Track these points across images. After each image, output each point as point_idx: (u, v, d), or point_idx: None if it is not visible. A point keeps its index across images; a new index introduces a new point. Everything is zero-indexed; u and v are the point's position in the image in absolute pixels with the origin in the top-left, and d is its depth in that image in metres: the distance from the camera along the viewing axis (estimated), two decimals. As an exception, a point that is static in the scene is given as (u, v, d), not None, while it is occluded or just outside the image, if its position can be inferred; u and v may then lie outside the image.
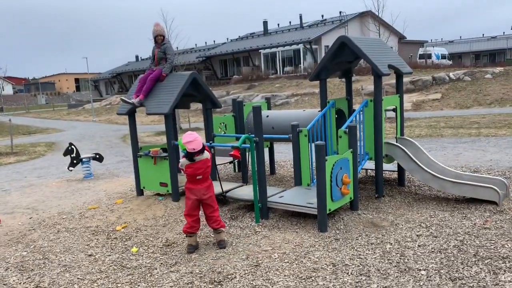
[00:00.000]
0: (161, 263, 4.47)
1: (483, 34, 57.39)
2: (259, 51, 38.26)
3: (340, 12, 39.00)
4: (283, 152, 10.48)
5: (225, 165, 8.85)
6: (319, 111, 6.43)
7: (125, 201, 6.76)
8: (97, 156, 9.71)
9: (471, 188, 5.48)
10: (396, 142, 6.23)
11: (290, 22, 46.35)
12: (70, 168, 9.46)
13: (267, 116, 7.06)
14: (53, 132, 23.73)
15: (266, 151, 8.01)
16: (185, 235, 4.76)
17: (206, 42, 52.54)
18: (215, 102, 6.89)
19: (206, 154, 4.63)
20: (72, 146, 9.41)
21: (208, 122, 6.89)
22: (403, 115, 6.50)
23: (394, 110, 6.39)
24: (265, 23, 44.65)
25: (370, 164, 6.64)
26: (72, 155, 9.38)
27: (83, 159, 9.42)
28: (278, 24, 47.60)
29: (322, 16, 43.40)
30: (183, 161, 4.64)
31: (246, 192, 5.96)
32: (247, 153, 7.13)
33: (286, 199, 5.47)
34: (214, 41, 51.42)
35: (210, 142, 6.36)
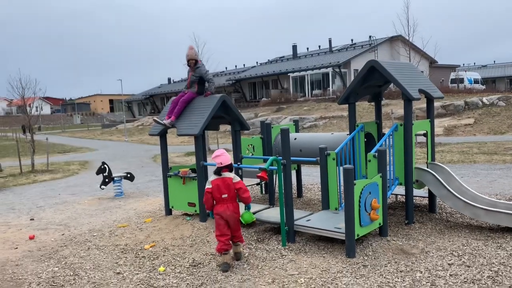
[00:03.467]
0: (188, 283, 4.49)
1: (517, 59, 56.04)
2: (288, 74, 38.58)
3: (370, 37, 38.99)
4: (311, 175, 10.43)
5: (252, 186, 8.87)
6: (347, 134, 6.41)
7: (154, 220, 6.87)
8: (128, 175, 9.94)
9: (507, 217, 5.28)
10: (427, 167, 6.12)
11: (319, 46, 46.44)
12: (102, 187, 9.71)
13: (295, 139, 7.09)
14: (86, 151, 24.46)
15: (294, 173, 8.01)
16: (219, 254, 4.77)
17: (236, 66, 53.42)
18: (244, 124, 6.98)
19: (234, 175, 4.78)
20: (105, 165, 9.68)
21: (237, 144, 6.98)
22: (434, 140, 6.40)
23: (425, 135, 6.30)
24: (294, 47, 45.07)
25: (400, 189, 6.51)
26: (104, 174, 9.64)
27: (115, 178, 9.66)
28: (308, 48, 47.64)
29: (352, 40, 43.26)
30: (210, 178, 4.80)
31: (273, 214, 5.95)
32: (274, 175, 7.15)
33: (313, 222, 5.42)
34: (244, 64, 52.19)
35: (238, 163, 6.43)
